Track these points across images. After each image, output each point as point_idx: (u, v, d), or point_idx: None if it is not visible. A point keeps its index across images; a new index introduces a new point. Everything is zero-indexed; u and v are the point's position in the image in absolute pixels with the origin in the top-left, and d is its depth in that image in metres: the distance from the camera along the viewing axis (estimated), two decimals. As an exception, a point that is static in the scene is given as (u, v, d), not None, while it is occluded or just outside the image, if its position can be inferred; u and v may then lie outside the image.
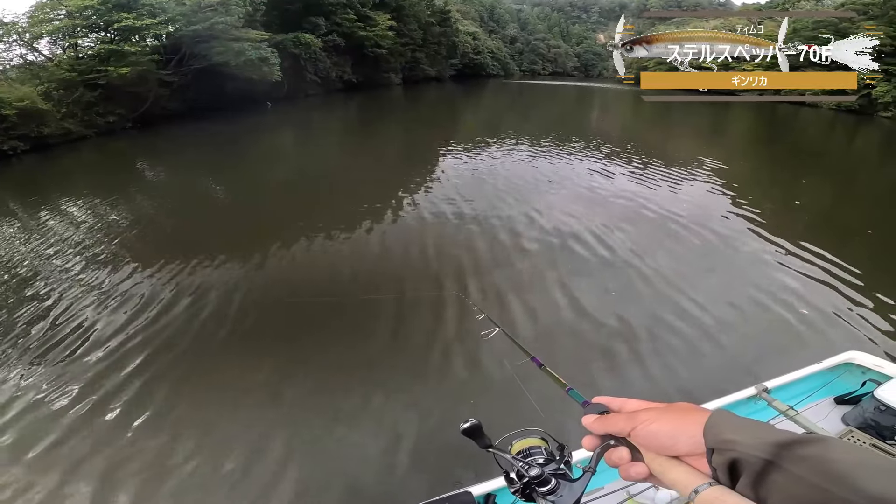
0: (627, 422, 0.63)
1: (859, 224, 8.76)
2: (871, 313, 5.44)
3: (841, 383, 3.25)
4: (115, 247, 7.27)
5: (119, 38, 18.99)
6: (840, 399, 3.29)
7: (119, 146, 16.49)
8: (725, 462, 0.52)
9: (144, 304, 5.43)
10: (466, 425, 0.75)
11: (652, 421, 0.60)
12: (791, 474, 0.47)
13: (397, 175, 12.00)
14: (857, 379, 3.19)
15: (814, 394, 3.30)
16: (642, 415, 0.62)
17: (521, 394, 3.60)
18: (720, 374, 4.28)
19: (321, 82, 30.98)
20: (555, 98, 41.38)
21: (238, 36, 21.65)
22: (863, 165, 16.28)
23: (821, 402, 3.35)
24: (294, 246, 7.09)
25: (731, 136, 22.51)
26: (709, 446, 0.55)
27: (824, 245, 7.31)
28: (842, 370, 3.27)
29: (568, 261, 6.68)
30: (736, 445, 0.52)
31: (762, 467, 0.49)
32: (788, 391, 3.32)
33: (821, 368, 3.24)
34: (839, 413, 3.27)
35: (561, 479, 0.68)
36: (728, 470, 0.52)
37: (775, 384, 3.23)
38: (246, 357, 4.50)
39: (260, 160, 14.25)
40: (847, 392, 3.23)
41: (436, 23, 51.08)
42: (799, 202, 10.14)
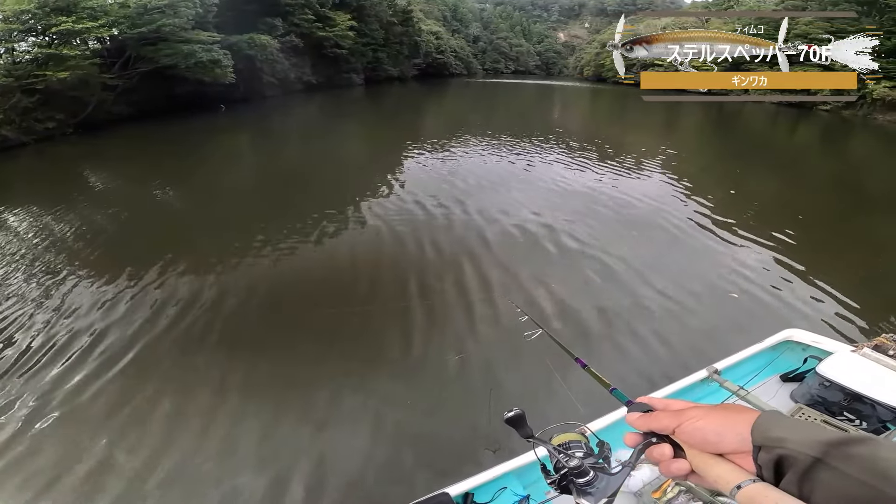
0: (673, 418, 0.63)
1: (793, 210, 9.28)
2: (808, 290, 5.78)
3: (784, 361, 3.34)
4: (58, 257, 6.80)
5: (58, 42, 18.03)
6: (785, 377, 3.38)
7: (59, 152, 15.62)
8: (772, 459, 0.53)
9: (84, 316, 5.08)
10: (510, 414, 0.78)
11: (699, 418, 0.61)
12: (840, 472, 0.47)
13: (360, 174, 11.80)
14: (798, 356, 3.29)
15: (760, 372, 3.38)
16: (690, 412, 0.63)
17: (555, 392, 3.63)
18: (673, 360, 4.35)
19: (279, 84, 30.20)
20: (521, 96, 41.89)
21: (188, 38, 20.79)
22: (801, 157, 17.23)
23: (768, 381, 3.44)
24: (252, 254, 6.80)
25: (681, 130, 23.40)
26: (756, 443, 0.55)
27: (762, 230, 7.72)
28: (783, 348, 3.36)
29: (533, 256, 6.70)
30: (785, 443, 0.52)
31: (810, 465, 0.49)
32: (737, 371, 3.39)
33: (763, 347, 3.32)
34: (787, 390, 3.36)
35: (599, 472, 0.69)
36: (774, 467, 0.53)
37: (724, 365, 3.29)
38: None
39: (210, 164, 13.77)
40: (791, 369, 3.33)
41: (398, 22, 50.73)
42: (733, 191, 10.67)
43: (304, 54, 33.39)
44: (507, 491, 2.42)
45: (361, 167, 12.98)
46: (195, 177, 12.06)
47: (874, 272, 6.57)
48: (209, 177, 12.24)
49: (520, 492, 2.44)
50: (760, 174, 13.02)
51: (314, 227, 7.79)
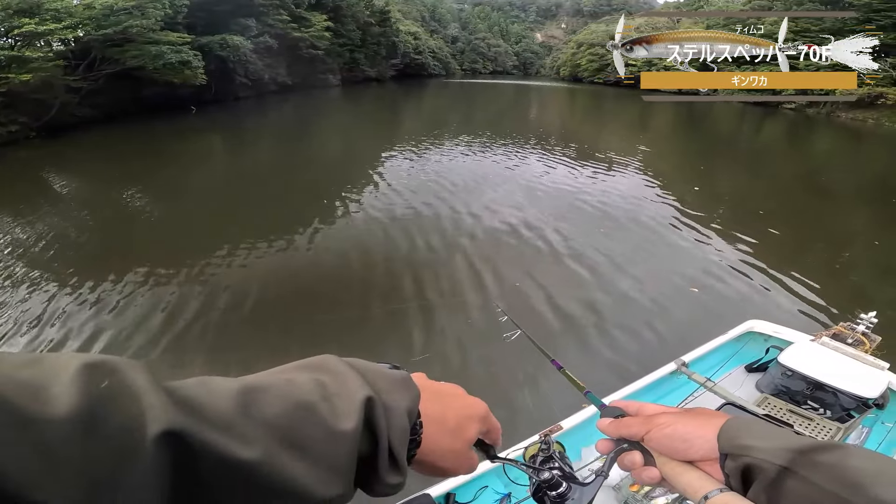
0: (642, 425, 0.61)
1: (754, 205, 9.60)
2: (769, 282, 6.04)
3: (748, 352, 3.44)
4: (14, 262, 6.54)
5: (21, 44, 17.43)
6: (750, 367, 3.47)
7: (20, 156, 15.04)
8: (739, 468, 0.51)
9: (45, 326, 4.88)
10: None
11: (667, 425, 0.59)
12: (807, 481, 0.46)
13: (334, 175, 11.69)
14: (760, 346, 3.38)
15: (726, 363, 3.46)
16: (658, 419, 0.61)
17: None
18: (641, 354, 4.44)
19: (252, 84, 29.68)
20: (501, 95, 42.17)
21: (156, 39, 20.25)
22: (767, 154, 17.83)
23: (734, 372, 3.52)
24: (229, 260, 6.64)
25: (652, 128, 23.95)
26: (722, 451, 0.54)
27: (726, 226, 8.01)
28: (746, 339, 3.46)
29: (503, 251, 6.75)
30: (751, 451, 0.50)
31: (777, 474, 0.48)
32: (704, 363, 3.46)
33: (728, 339, 3.41)
34: (752, 380, 3.45)
35: (572, 483, 0.66)
36: (741, 476, 0.51)
37: (692, 357, 3.36)
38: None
39: (180, 166, 13.44)
40: (755, 360, 3.42)
41: (375, 23, 50.49)
42: (697, 188, 10.98)
43: (278, 55, 32.89)
44: (489, 490, 2.43)
45: (334, 168, 12.86)
46: (161, 179, 11.72)
47: (833, 264, 6.87)
48: (176, 179, 11.92)
49: (501, 490, 2.45)
50: (727, 171, 13.46)
51: (286, 231, 7.67)
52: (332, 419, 0.38)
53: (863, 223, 9.24)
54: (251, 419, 0.35)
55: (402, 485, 0.43)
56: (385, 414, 0.42)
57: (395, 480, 0.42)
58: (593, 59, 62.78)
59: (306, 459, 0.36)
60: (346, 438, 0.38)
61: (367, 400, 0.41)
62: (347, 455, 0.38)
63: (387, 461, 0.41)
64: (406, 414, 0.44)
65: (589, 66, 63.55)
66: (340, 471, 0.38)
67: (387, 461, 0.41)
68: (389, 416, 0.42)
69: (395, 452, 0.42)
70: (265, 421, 0.35)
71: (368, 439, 0.41)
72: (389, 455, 0.42)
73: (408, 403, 0.45)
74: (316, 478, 0.36)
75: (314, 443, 0.37)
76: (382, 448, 0.41)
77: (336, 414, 0.39)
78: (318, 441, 0.37)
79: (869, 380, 2.62)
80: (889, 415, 2.72)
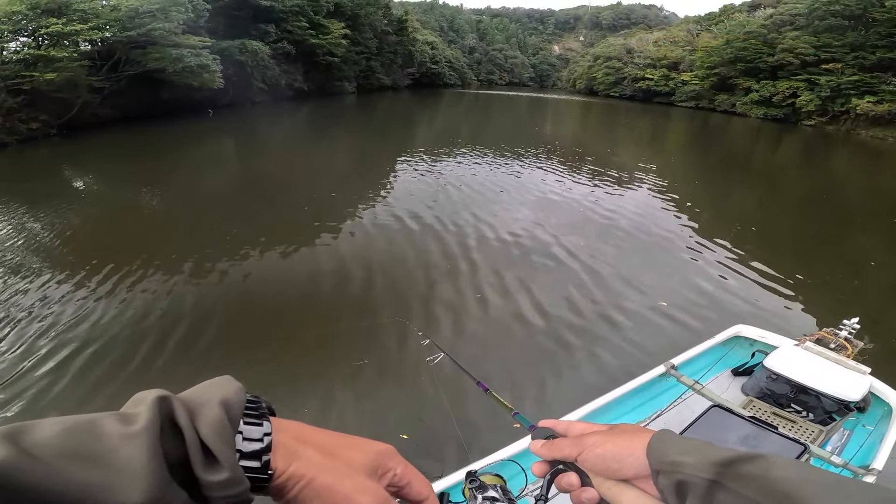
0: (574, 447, 0.60)
1: (748, 220, 9.76)
2: (757, 290, 6.17)
3: (734, 356, 3.39)
4: (27, 257, 6.70)
5: (48, 44, 17.98)
6: (736, 371, 3.42)
7: (41, 154, 15.49)
8: (672, 484, 0.51)
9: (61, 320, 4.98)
10: None
11: (598, 445, 0.58)
12: (737, 494, 0.46)
13: (341, 186, 11.79)
14: (746, 351, 3.33)
15: (713, 367, 3.42)
16: (588, 439, 0.60)
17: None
18: (631, 356, 4.37)
19: (269, 90, 30.22)
20: (523, 109, 42.34)
21: (178, 42, 20.79)
22: (779, 171, 17.55)
23: (720, 375, 3.47)
24: (216, 267, 6.59)
25: (667, 141, 23.78)
26: (653, 468, 0.54)
27: (722, 237, 8.17)
28: (733, 343, 3.41)
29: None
30: (680, 467, 0.50)
31: (707, 488, 0.48)
32: (692, 366, 3.44)
33: (715, 343, 3.37)
34: (738, 384, 3.42)
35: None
36: (675, 492, 0.51)
37: (680, 360, 3.34)
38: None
39: (195, 168, 13.70)
40: (741, 364, 3.37)
41: (392, 32, 51.21)
42: (696, 206, 10.84)
43: (295, 61, 33.53)
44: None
45: (347, 175, 12.99)
46: (176, 180, 11.97)
47: (820, 275, 7.13)
48: (190, 181, 12.17)
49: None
50: (725, 184, 13.35)
51: (287, 238, 7.72)
52: (119, 427, 0.36)
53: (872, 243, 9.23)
54: (27, 443, 0.34)
55: (231, 482, 0.38)
56: (188, 407, 0.39)
57: (214, 477, 0.37)
58: (609, 73, 62.68)
59: (91, 468, 0.34)
60: (135, 437, 0.36)
61: (160, 399, 0.38)
62: (139, 454, 0.35)
63: (200, 456, 0.38)
64: (219, 404, 0.40)
65: (605, 80, 63.44)
66: (135, 474, 0.34)
67: (200, 456, 0.38)
68: (195, 409, 0.39)
69: (211, 446, 0.38)
70: (37, 443, 0.34)
71: (175, 437, 0.38)
72: (205, 449, 0.38)
73: (222, 394, 0.41)
74: (106, 484, 0.34)
75: (101, 451, 0.35)
76: (191, 441, 0.38)
77: (123, 421, 0.37)
78: (106, 450, 0.35)
79: (850, 383, 2.57)
80: (870, 417, 2.66)
